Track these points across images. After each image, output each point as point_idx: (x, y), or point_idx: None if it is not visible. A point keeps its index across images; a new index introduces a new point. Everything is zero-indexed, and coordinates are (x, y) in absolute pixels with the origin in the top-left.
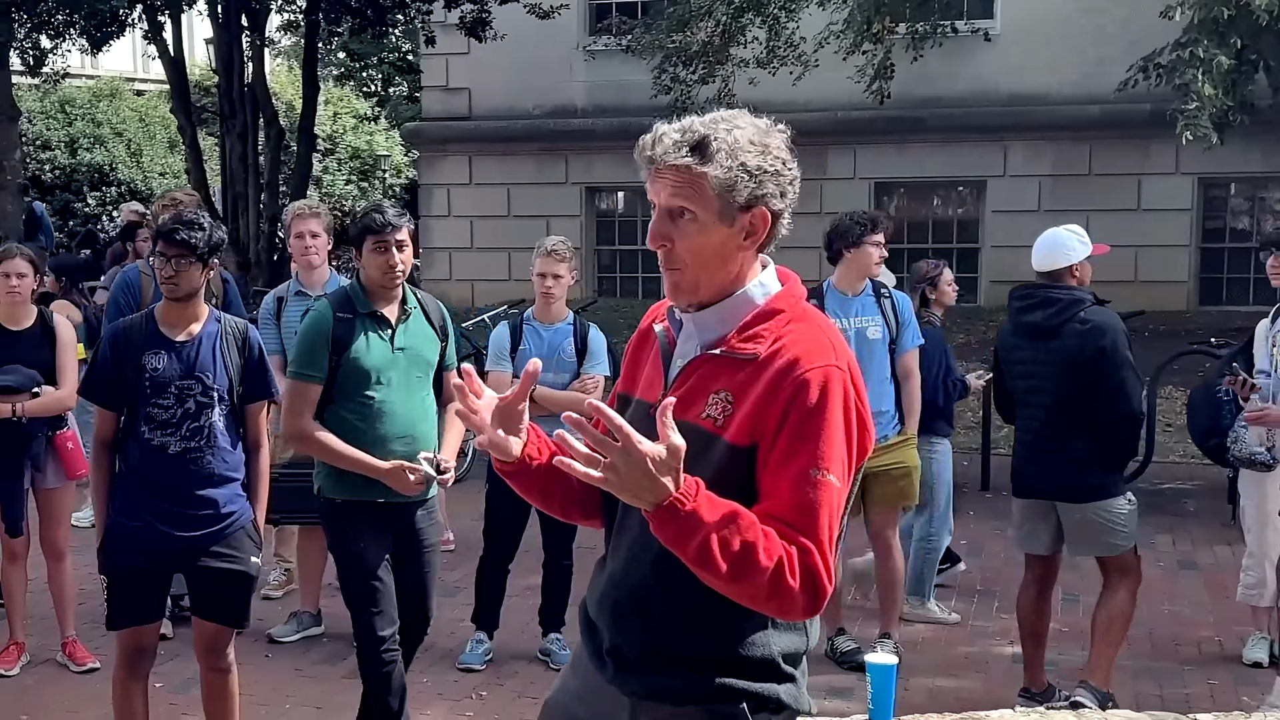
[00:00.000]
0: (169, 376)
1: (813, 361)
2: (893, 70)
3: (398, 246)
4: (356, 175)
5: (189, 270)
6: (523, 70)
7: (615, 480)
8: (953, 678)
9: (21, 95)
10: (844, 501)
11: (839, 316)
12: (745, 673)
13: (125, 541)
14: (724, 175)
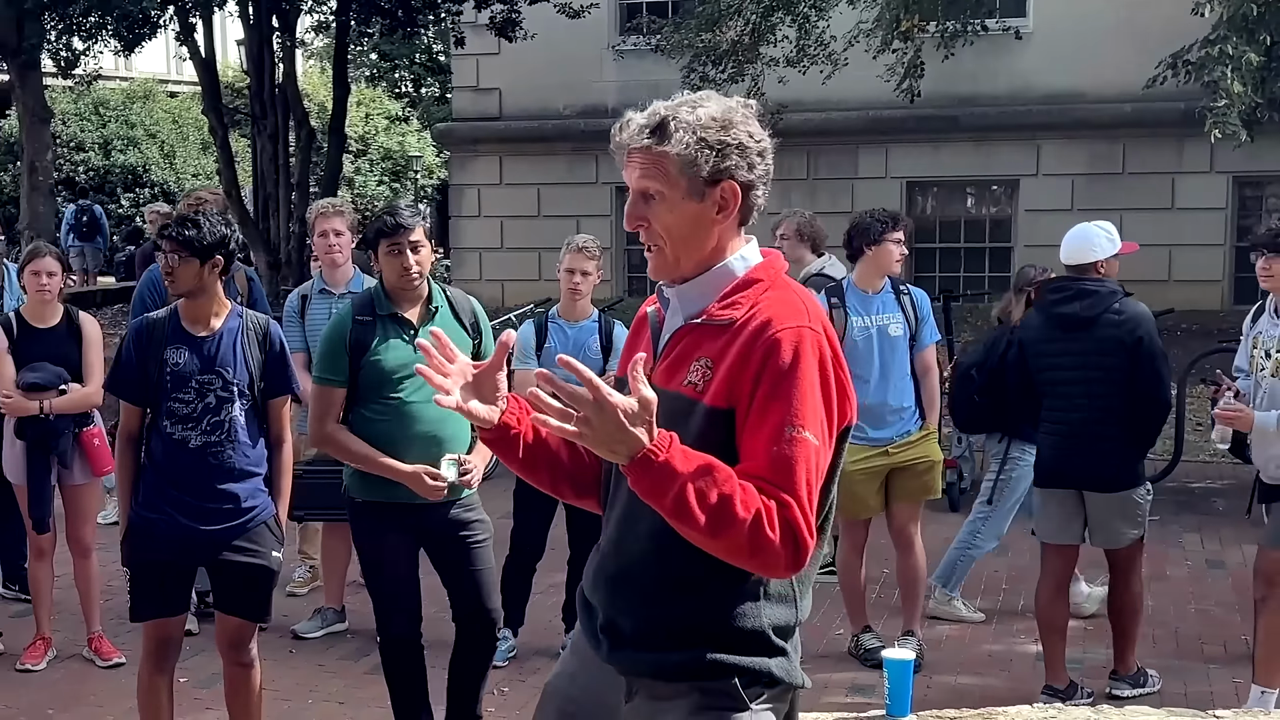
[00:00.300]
0: (189, 371)
1: (785, 322)
2: (923, 69)
3: (412, 248)
4: (388, 176)
5: (186, 266)
6: (553, 70)
7: (589, 434)
8: (976, 675)
9: (56, 97)
10: (823, 461)
11: (860, 314)
12: (736, 646)
13: (147, 535)
14: (684, 152)
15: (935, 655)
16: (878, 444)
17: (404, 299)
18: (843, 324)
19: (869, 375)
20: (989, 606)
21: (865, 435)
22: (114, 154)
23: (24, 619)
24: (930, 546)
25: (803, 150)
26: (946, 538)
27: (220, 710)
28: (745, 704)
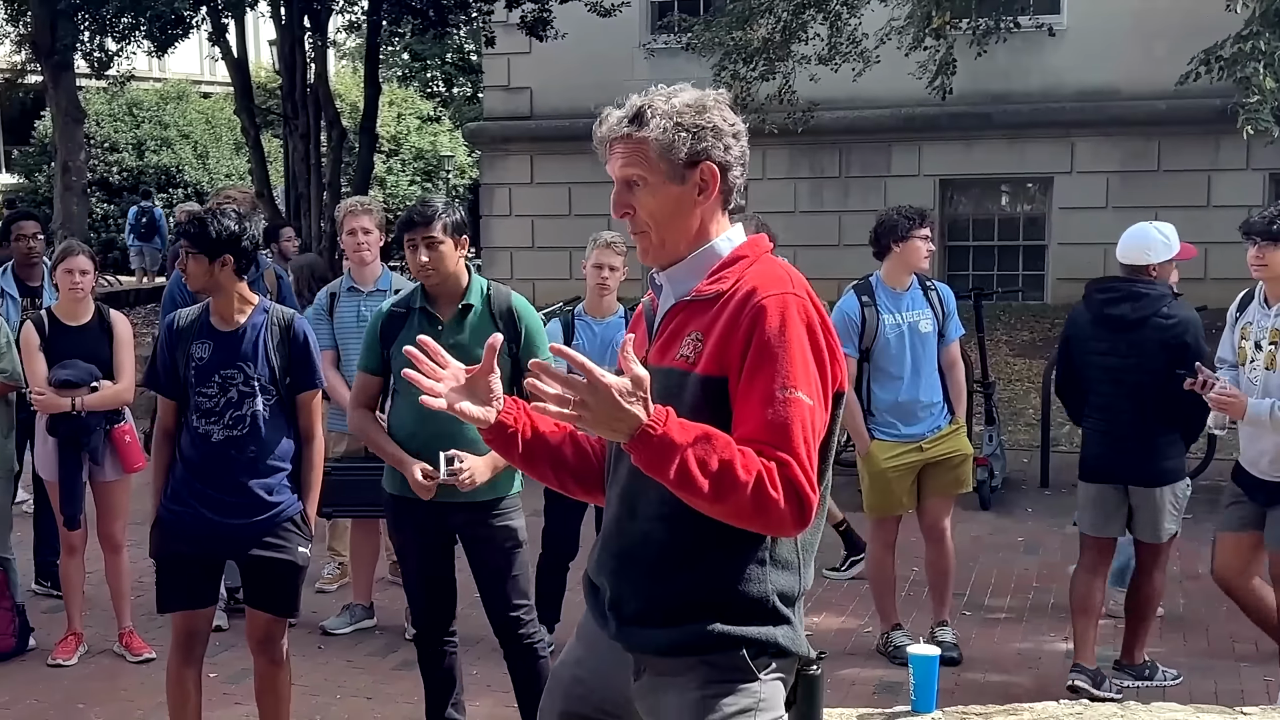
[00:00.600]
0: (213, 365)
1: (770, 289)
2: (955, 66)
3: (427, 244)
4: (420, 176)
5: (195, 264)
6: (584, 69)
7: (588, 415)
8: (1005, 673)
9: (90, 98)
10: (819, 421)
11: (890, 311)
12: (742, 616)
13: (173, 527)
14: (661, 136)
15: (964, 652)
16: (911, 440)
17: (438, 294)
18: (874, 322)
19: (901, 372)
20: (1019, 604)
21: (899, 431)
22: (147, 154)
23: (56, 614)
24: (959, 545)
25: (835, 148)
26: (976, 535)
27: (250, 705)
28: (754, 674)
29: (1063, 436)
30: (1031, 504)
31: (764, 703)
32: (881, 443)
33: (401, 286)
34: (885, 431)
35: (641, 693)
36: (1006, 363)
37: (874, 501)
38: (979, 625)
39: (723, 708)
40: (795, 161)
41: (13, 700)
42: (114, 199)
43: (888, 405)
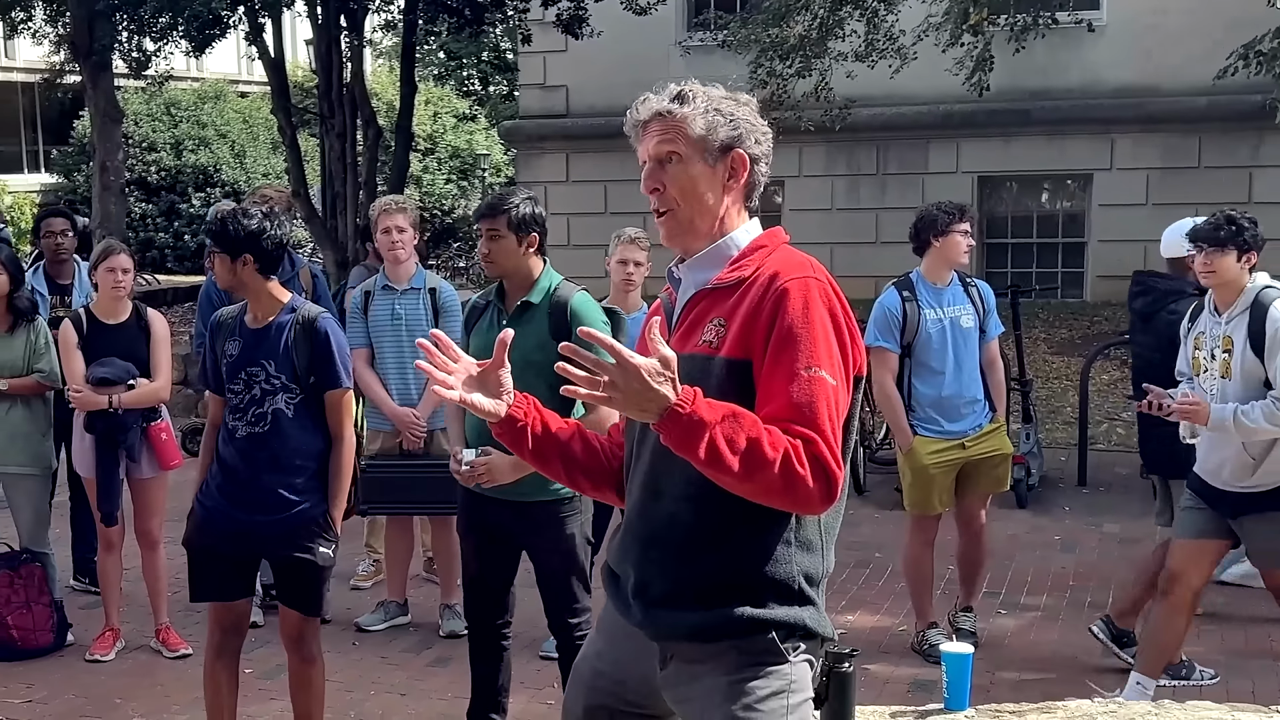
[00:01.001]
0: (240, 362)
1: (792, 273)
2: (992, 62)
3: (488, 235)
4: (456, 175)
5: (219, 262)
6: (619, 67)
7: (618, 396)
8: (1039, 671)
9: (129, 98)
10: (842, 401)
11: (932, 306)
12: (769, 598)
13: (201, 519)
14: (702, 116)
15: (999, 651)
16: (954, 437)
17: (508, 288)
18: (915, 316)
19: (943, 367)
20: (1054, 603)
21: (941, 428)
22: (185, 154)
23: (94, 611)
24: (995, 542)
25: (872, 145)
26: (1013, 534)
27: (284, 701)
28: (784, 656)
29: (1100, 435)
30: (1069, 502)
31: (794, 684)
32: (924, 439)
33: (436, 285)
34: (928, 428)
35: (669, 681)
36: (1044, 360)
37: (915, 498)
38: (1015, 622)
39: (755, 690)
40: (832, 159)
41: (51, 695)
42: (152, 198)
43: (930, 401)
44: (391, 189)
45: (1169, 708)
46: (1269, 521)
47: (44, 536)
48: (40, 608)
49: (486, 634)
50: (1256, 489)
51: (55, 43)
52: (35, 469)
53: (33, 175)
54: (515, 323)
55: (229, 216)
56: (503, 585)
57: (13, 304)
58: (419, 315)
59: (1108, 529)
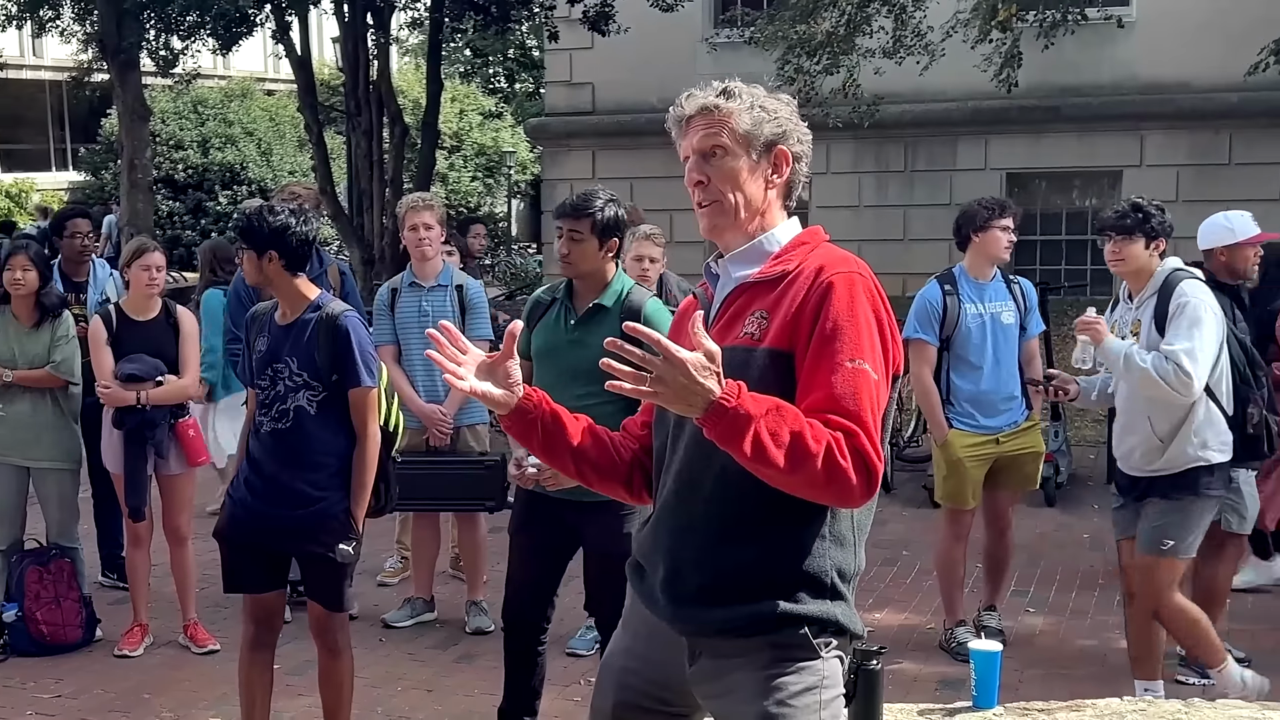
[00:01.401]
0: (267, 358)
1: (838, 267)
2: (1021, 59)
3: (570, 236)
4: (482, 172)
5: (246, 259)
6: (646, 63)
7: (664, 391)
8: (1067, 669)
9: (156, 96)
10: (883, 396)
11: (973, 301)
12: (803, 592)
13: (230, 512)
14: (749, 113)
15: (1028, 649)
16: (990, 432)
17: (579, 287)
18: (956, 310)
19: (982, 362)
20: (1083, 601)
21: (977, 423)
22: (212, 152)
23: (122, 606)
24: (1023, 540)
25: (900, 142)
26: (1041, 531)
27: (312, 696)
28: (816, 652)
29: None
30: (1097, 500)
31: (826, 680)
32: (960, 432)
33: (463, 282)
34: (964, 422)
35: (700, 677)
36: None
37: (948, 491)
38: (1043, 620)
39: (787, 686)
40: (860, 156)
41: (80, 690)
42: (179, 196)
43: (967, 395)
44: (417, 187)
45: (1199, 706)
46: (1164, 506)
47: (73, 531)
48: (69, 603)
49: (527, 637)
50: (1162, 473)
51: (83, 41)
52: (64, 463)
53: (61, 173)
54: (586, 325)
55: (255, 213)
56: (552, 587)
57: (40, 300)
58: (446, 312)
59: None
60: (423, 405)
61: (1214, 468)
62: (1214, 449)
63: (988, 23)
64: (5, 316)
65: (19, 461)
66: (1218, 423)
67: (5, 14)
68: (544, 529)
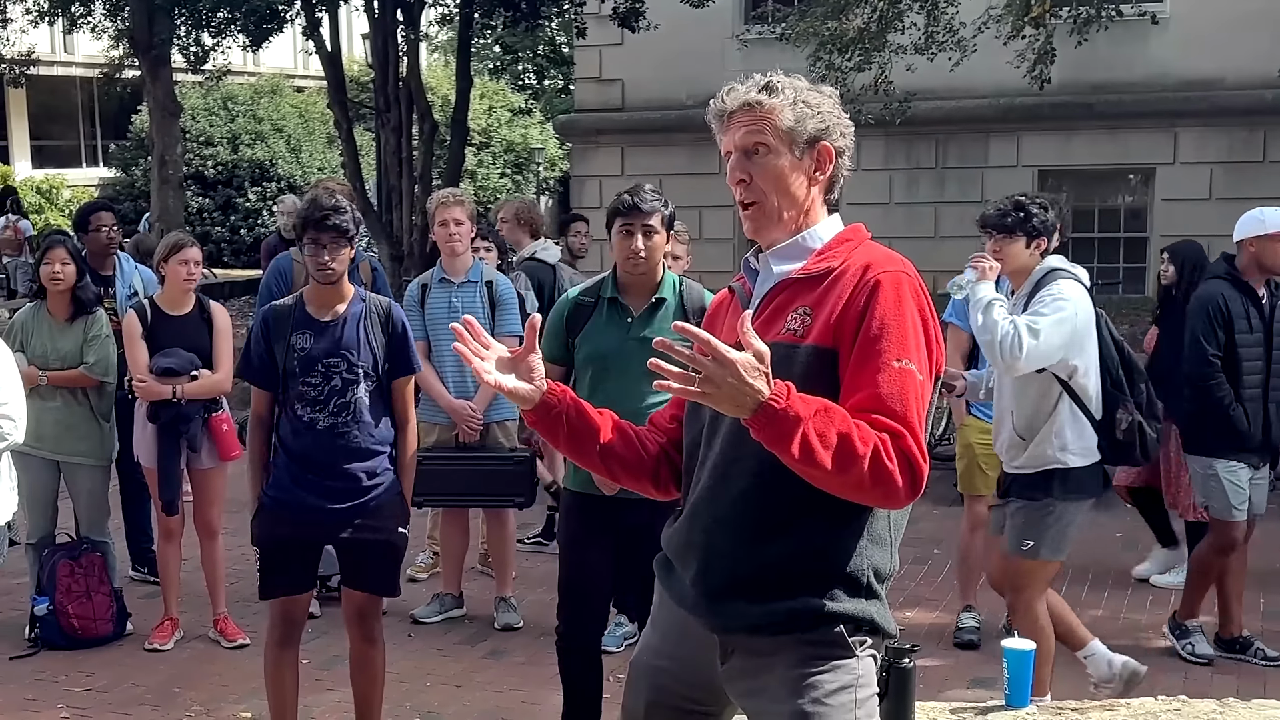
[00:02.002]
0: (316, 355)
1: (885, 266)
2: (1054, 55)
3: (644, 232)
4: (511, 169)
5: (341, 254)
6: (676, 60)
7: (713, 391)
8: None
9: (186, 93)
10: (926, 394)
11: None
12: (839, 590)
13: (278, 513)
14: (791, 109)
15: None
16: None
17: (631, 285)
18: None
19: None
20: (1116, 599)
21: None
22: (242, 148)
23: (152, 600)
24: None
25: (931, 138)
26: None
27: (341, 691)
28: (851, 651)
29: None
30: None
31: (861, 679)
32: (975, 419)
33: (493, 278)
34: (982, 410)
35: (732, 675)
36: None
37: (961, 475)
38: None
39: (823, 684)
40: (891, 152)
41: (111, 684)
42: (209, 192)
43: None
44: (446, 183)
45: (1233, 706)
46: (1023, 506)
47: (104, 525)
48: (100, 597)
49: (588, 646)
50: (1023, 471)
51: (114, 37)
52: (94, 459)
53: (91, 169)
54: (648, 320)
55: (342, 208)
56: (603, 594)
57: (77, 295)
58: (476, 308)
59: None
60: (452, 401)
61: (1071, 471)
62: (1074, 453)
63: (1021, 18)
64: (41, 312)
65: (50, 456)
66: (1082, 427)
67: (38, 10)
68: (602, 540)
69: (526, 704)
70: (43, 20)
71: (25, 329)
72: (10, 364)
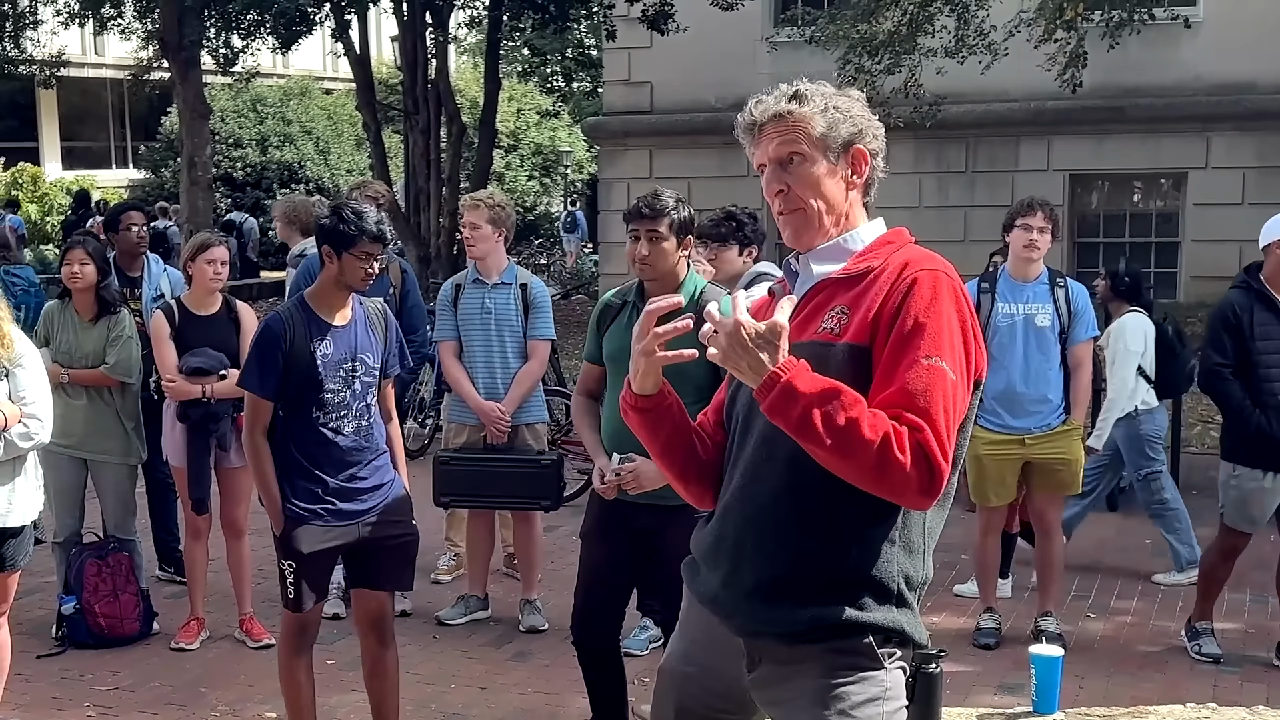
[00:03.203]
0: (337, 360)
1: (922, 265)
2: (1085, 58)
3: (649, 237)
4: (538, 171)
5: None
6: (705, 63)
7: (717, 352)
8: (1130, 676)
9: (215, 95)
10: (960, 397)
11: (1007, 301)
12: (868, 598)
13: (312, 525)
14: (822, 115)
15: (1088, 655)
16: (1015, 432)
17: (652, 289)
18: (989, 308)
19: (1010, 362)
20: (1145, 607)
21: (1002, 421)
22: (270, 150)
23: (179, 600)
24: (1084, 545)
25: (961, 142)
26: (1103, 537)
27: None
28: (880, 662)
29: (1194, 438)
30: None
31: (890, 691)
32: (982, 430)
33: (527, 280)
34: (988, 419)
35: (760, 683)
36: None
37: (972, 486)
38: (1104, 626)
39: (850, 696)
40: (921, 155)
41: (137, 683)
42: (237, 194)
43: (994, 393)
44: (474, 185)
45: (1264, 714)
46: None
47: (130, 524)
48: (127, 596)
49: (600, 645)
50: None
51: (144, 39)
52: (121, 459)
53: (120, 170)
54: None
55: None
56: (625, 602)
57: (100, 294)
58: (509, 310)
59: (1200, 532)
60: (481, 402)
61: None
62: None
63: (1053, 22)
64: (67, 311)
65: (77, 453)
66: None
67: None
68: (619, 541)
69: (551, 706)
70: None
71: (51, 324)
72: (39, 364)
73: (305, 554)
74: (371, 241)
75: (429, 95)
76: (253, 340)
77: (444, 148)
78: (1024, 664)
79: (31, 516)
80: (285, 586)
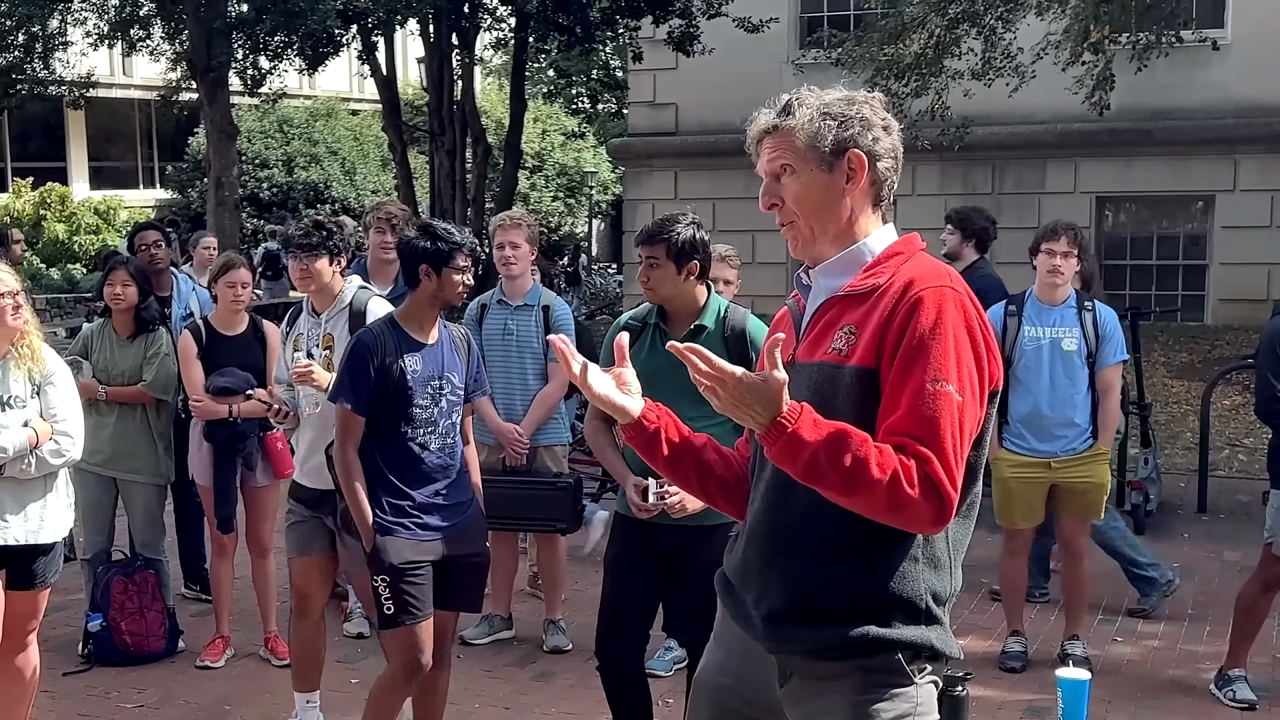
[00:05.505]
0: (425, 377)
1: (928, 282)
2: (1113, 81)
3: (647, 263)
4: (563, 192)
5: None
6: (730, 84)
7: (717, 401)
8: (1157, 701)
9: (242, 115)
10: (969, 417)
11: (1034, 325)
12: (896, 615)
13: (399, 538)
14: (808, 124)
15: (1116, 680)
16: (1040, 456)
17: (671, 311)
18: (1015, 331)
19: (1036, 386)
20: (1173, 630)
21: (1027, 444)
22: (297, 170)
23: (204, 618)
24: (1112, 568)
25: (988, 164)
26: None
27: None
28: (910, 678)
29: (1221, 461)
30: (1188, 529)
31: (920, 707)
32: (1007, 453)
33: (550, 303)
34: (1014, 443)
35: (791, 698)
36: (1164, 384)
37: (997, 509)
38: (1131, 650)
39: (879, 713)
40: (947, 178)
41: (162, 701)
42: (263, 214)
43: (1020, 416)
44: (499, 206)
45: None
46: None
47: (158, 543)
48: (153, 614)
49: (623, 667)
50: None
51: (172, 60)
52: (151, 478)
53: (148, 190)
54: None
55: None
56: (649, 624)
57: (140, 314)
58: (530, 332)
59: (1228, 556)
60: (500, 424)
61: None
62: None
63: (1080, 44)
64: (106, 330)
65: (106, 472)
66: None
67: (97, 33)
68: (644, 562)
69: None
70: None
71: (90, 342)
72: (69, 383)
73: (396, 566)
74: (468, 254)
75: (455, 116)
76: (343, 356)
77: (469, 168)
78: (1051, 687)
79: (63, 534)
80: (381, 604)
